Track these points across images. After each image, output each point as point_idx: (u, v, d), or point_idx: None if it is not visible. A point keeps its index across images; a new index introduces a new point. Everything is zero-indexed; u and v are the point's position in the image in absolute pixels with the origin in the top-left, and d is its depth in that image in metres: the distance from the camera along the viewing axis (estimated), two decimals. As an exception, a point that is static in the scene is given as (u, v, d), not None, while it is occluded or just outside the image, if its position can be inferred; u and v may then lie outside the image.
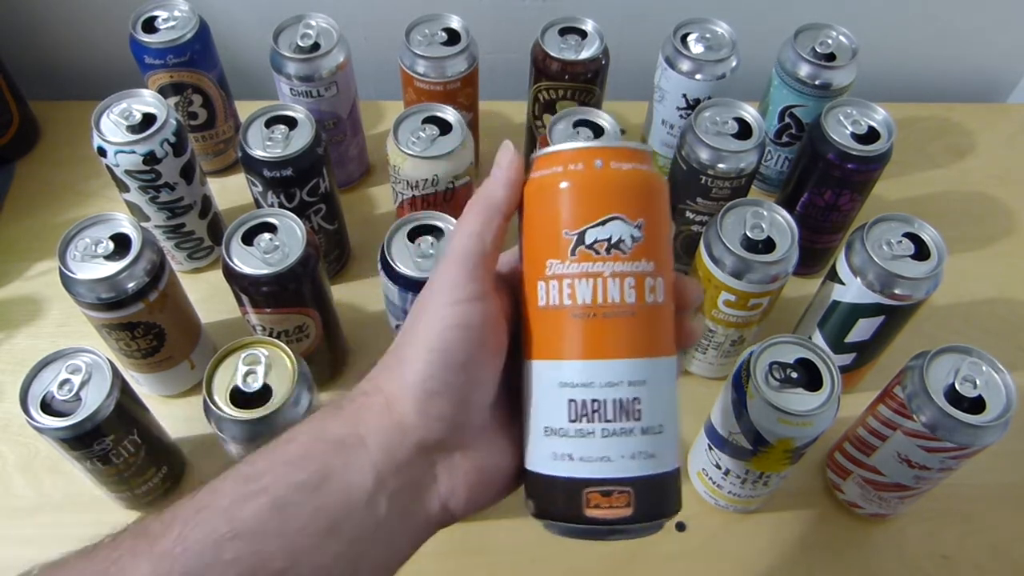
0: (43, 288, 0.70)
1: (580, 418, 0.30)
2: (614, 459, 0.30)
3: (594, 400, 0.30)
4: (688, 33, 0.69)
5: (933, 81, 0.94)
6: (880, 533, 0.59)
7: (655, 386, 0.31)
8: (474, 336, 0.31)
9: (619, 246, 0.30)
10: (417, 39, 0.68)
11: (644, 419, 0.30)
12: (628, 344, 0.30)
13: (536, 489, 0.32)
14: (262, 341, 0.51)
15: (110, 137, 0.58)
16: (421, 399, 0.31)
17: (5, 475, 0.60)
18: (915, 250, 0.55)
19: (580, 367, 0.30)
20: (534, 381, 0.32)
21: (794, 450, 0.50)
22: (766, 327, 0.61)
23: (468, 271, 0.31)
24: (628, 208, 0.31)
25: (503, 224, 0.32)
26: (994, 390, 0.49)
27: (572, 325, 0.30)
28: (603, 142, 0.32)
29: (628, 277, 0.30)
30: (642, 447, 0.30)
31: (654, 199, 0.32)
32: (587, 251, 0.30)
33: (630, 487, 0.30)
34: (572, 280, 0.30)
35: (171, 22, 0.67)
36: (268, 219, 0.56)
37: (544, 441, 0.31)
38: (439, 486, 0.32)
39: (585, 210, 0.31)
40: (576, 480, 0.30)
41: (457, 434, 0.32)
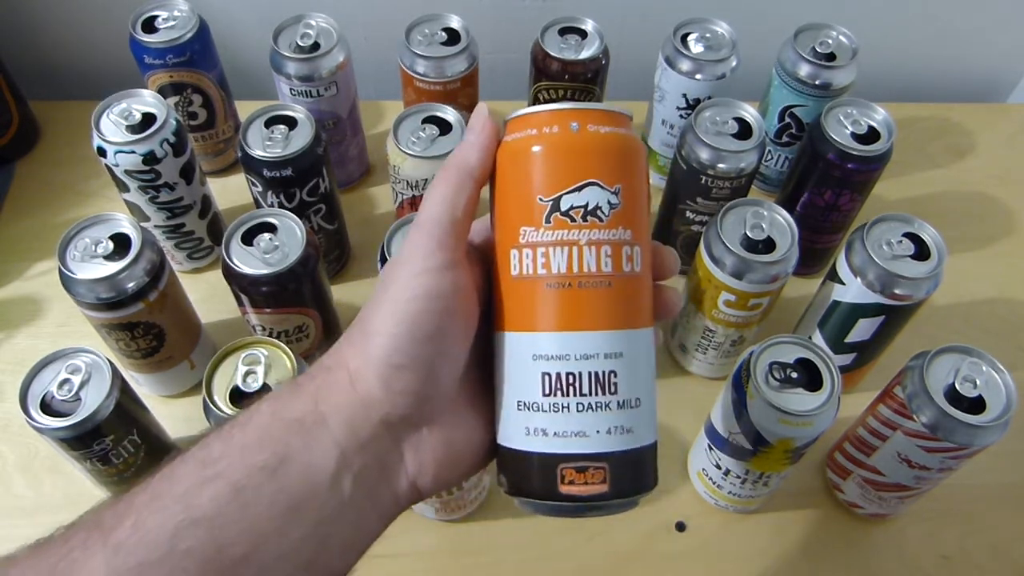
0: (43, 288, 0.70)
1: (554, 392, 0.29)
2: (589, 434, 0.29)
3: (569, 373, 0.29)
4: (688, 33, 0.69)
5: (933, 81, 0.94)
6: (880, 533, 0.59)
7: (632, 359, 0.30)
8: (442, 307, 0.30)
9: (596, 213, 0.29)
10: (417, 39, 0.68)
11: (620, 392, 0.30)
12: (604, 315, 0.30)
13: (509, 465, 0.31)
14: (262, 341, 0.51)
15: (110, 137, 0.58)
16: (386, 374, 0.30)
17: (5, 475, 0.60)
18: (915, 250, 0.55)
19: (555, 339, 0.29)
20: (507, 354, 0.31)
21: (794, 450, 0.50)
22: (766, 327, 0.61)
23: (437, 240, 0.30)
24: (605, 173, 0.29)
25: (475, 191, 0.31)
26: (994, 390, 0.49)
27: (547, 295, 0.29)
28: (580, 104, 0.30)
29: (605, 245, 0.29)
30: (618, 421, 0.30)
31: (632, 164, 0.31)
32: (562, 218, 0.29)
33: (606, 463, 0.29)
34: (547, 248, 0.29)
35: (171, 22, 0.67)
36: (268, 219, 0.56)
37: (517, 416, 0.30)
38: (406, 463, 0.31)
39: (560, 175, 0.29)
40: (550, 456, 0.29)
41: (424, 409, 0.31)
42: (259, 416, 0.31)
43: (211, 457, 0.29)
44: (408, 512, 0.59)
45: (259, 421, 0.30)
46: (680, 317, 0.64)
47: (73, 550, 0.28)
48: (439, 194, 0.31)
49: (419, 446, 0.31)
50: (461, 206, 0.31)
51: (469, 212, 0.31)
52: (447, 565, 0.57)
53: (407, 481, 0.31)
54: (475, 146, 0.31)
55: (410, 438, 0.31)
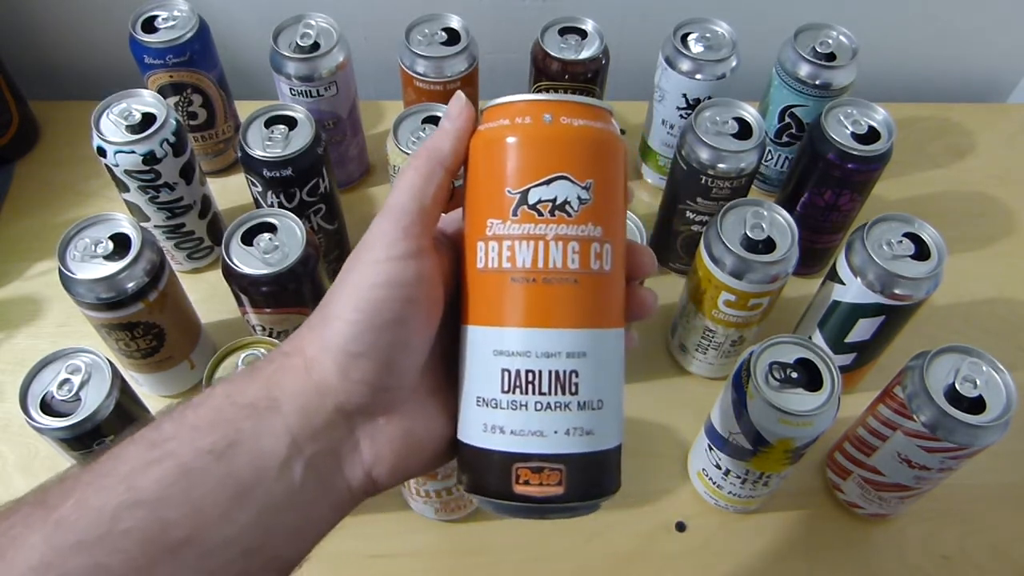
0: (43, 288, 0.70)
1: (513, 389, 0.28)
2: (547, 434, 0.28)
3: (529, 371, 0.28)
4: (688, 33, 0.69)
5: (933, 81, 0.94)
6: (880, 533, 0.59)
7: (596, 359, 0.29)
8: (404, 295, 0.29)
9: (564, 208, 0.28)
10: (417, 39, 0.68)
11: (582, 393, 0.29)
12: (569, 313, 0.29)
13: (468, 462, 0.31)
14: (262, 341, 0.51)
15: (110, 137, 0.58)
16: (343, 361, 0.29)
17: (5, 475, 0.60)
18: (915, 250, 0.55)
19: (516, 335, 0.29)
20: (469, 348, 0.30)
21: (794, 450, 0.50)
22: (766, 327, 0.61)
23: (403, 228, 0.30)
24: (576, 167, 0.29)
25: (447, 179, 0.31)
26: (994, 390, 0.49)
27: (510, 290, 0.29)
28: (556, 96, 0.30)
29: (572, 242, 0.28)
30: (578, 423, 0.29)
31: (606, 159, 0.30)
32: (530, 212, 0.28)
33: (562, 464, 0.28)
34: (512, 242, 0.29)
35: (171, 22, 0.67)
36: (268, 219, 0.56)
37: (476, 411, 0.30)
38: (361, 453, 0.31)
39: (530, 167, 0.29)
40: (506, 454, 0.29)
41: (382, 398, 0.30)
42: (212, 399, 0.30)
43: (160, 437, 0.29)
44: (408, 512, 0.59)
45: (212, 403, 0.30)
46: (680, 317, 0.64)
47: (15, 526, 0.27)
48: (408, 181, 0.30)
49: (376, 436, 0.31)
50: (430, 195, 0.30)
51: (439, 201, 0.31)
52: (447, 565, 0.57)
53: (362, 471, 0.31)
54: (449, 134, 0.31)
55: (366, 427, 0.31)
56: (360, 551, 0.57)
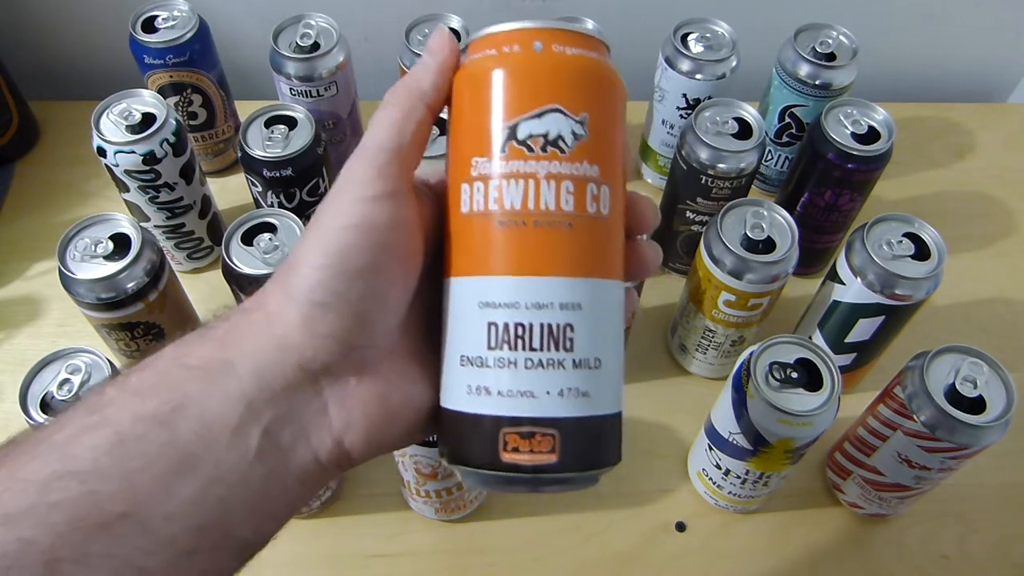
0: (43, 288, 0.70)
1: (501, 345, 0.26)
2: (538, 395, 0.25)
3: (518, 324, 0.25)
4: (688, 33, 0.69)
5: (933, 81, 0.94)
6: (880, 533, 0.59)
7: (593, 312, 0.26)
8: (378, 239, 0.26)
9: (557, 143, 0.26)
10: (417, 39, 0.68)
11: (577, 350, 0.26)
12: (562, 260, 0.26)
13: (450, 430, 0.27)
14: (262, 341, 0.51)
15: (110, 137, 0.58)
16: (308, 312, 0.26)
17: (5, 475, 0.60)
18: (915, 250, 0.55)
19: (503, 284, 0.26)
20: (452, 302, 0.27)
21: (794, 450, 0.50)
22: (766, 327, 0.61)
23: (378, 167, 0.27)
24: (570, 99, 0.26)
25: (427, 117, 0.28)
26: (994, 390, 0.49)
27: (497, 234, 0.26)
28: (547, 22, 0.27)
29: (566, 181, 0.26)
30: (573, 383, 0.26)
31: (602, 92, 0.27)
32: (519, 147, 0.26)
33: (555, 429, 0.25)
34: (500, 181, 0.26)
35: (171, 22, 0.67)
36: (268, 219, 0.56)
37: (460, 372, 0.26)
38: (330, 417, 0.27)
39: (519, 99, 0.26)
40: (493, 418, 0.26)
41: (352, 356, 0.27)
42: (159, 360, 0.27)
43: (100, 403, 0.26)
44: (408, 512, 0.59)
45: (158, 366, 0.27)
46: (680, 317, 0.64)
47: None
48: (385, 118, 0.27)
49: (346, 399, 0.27)
50: (409, 133, 0.27)
51: (419, 140, 0.28)
52: (447, 565, 0.57)
53: (331, 439, 0.27)
54: (430, 68, 0.28)
55: (335, 389, 0.27)
56: (360, 551, 0.57)
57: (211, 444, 0.25)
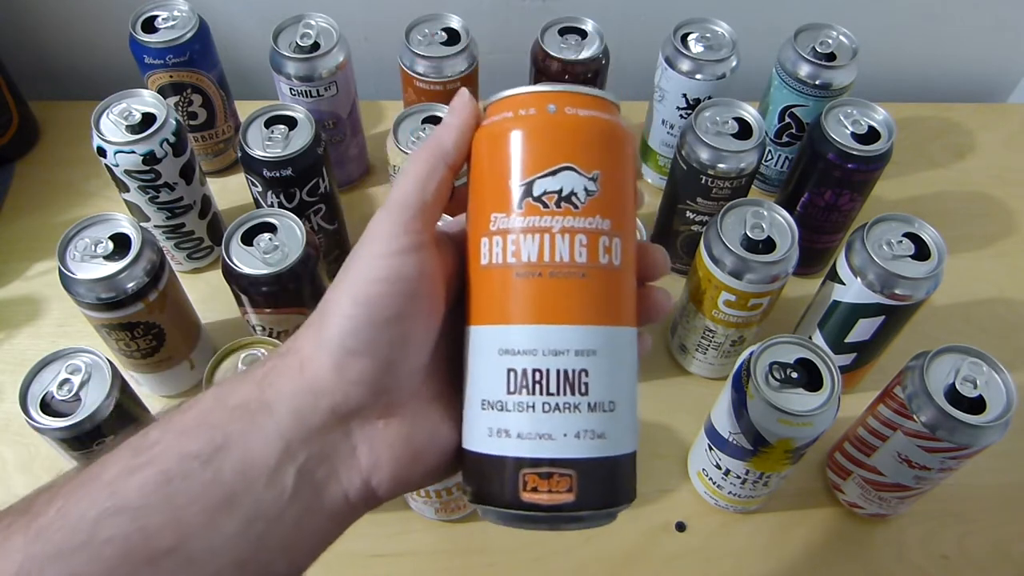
0: (43, 288, 0.70)
1: (520, 389, 0.27)
2: (556, 437, 0.27)
3: (536, 370, 0.27)
4: (688, 33, 0.69)
5: (933, 81, 0.94)
6: (880, 533, 0.59)
7: (607, 358, 0.28)
8: (404, 290, 0.28)
9: (571, 199, 0.27)
10: (417, 39, 0.68)
11: (592, 394, 0.27)
12: (577, 309, 0.27)
13: (472, 470, 0.29)
14: (262, 341, 0.51)
15: (110, 137, 0.58)
16: (338, 358, 0.28)
17: (5, 475, 0.60)
18: (915, 250, 0.55)
19: (522, 332, 0.27)
20: (473, 349, 0.29)
21: (794, 450, 0.50)
22: (766, 327, 0.61)
23: (403, 222, 0.28)
24: (582, 158, 0.28)
25: (448, 175, 0.30)
26: (994, 390, 0.49)
27: (515, 285, 0.28)
28: (560, 85, 0.29)
29: (579, 234, 0.27)
30: (588, 425, 0.27)
31: (613, 150, 0.29)
32: (535, 204, 0.27)
33: (572, 469, 0.27)
34: (517, 235, 0.28)
35: (171, 22, 0.67)
36: (268, 219, 0.56)
37: (481, 416, 0.28)
38: (359, 459, 0.29)
39: (534, 158, 0.28)
40: (513, 459, 0.27)
41: (380, 400, 0.29)
42: (201, 402, 0.29)
43: (145, 444, 0.28)
44: (408, 512, 0.59)
45: (200, 407, 0.29)
46: (680, 317, 0.64)
47: None
48: (409, 176, 0.30)
49: (374, 441, 0.29)
50: (431, 190, 0.29)
51: (440, 196, 0.30)
52: (447, 565, 0.57)
53: (360, 479, 0.29)
54: (452, 128, 0.30)
55: (364, 431, 0.29)
56: (360, 551, 0.57)
57: (252, 482, 0.27)
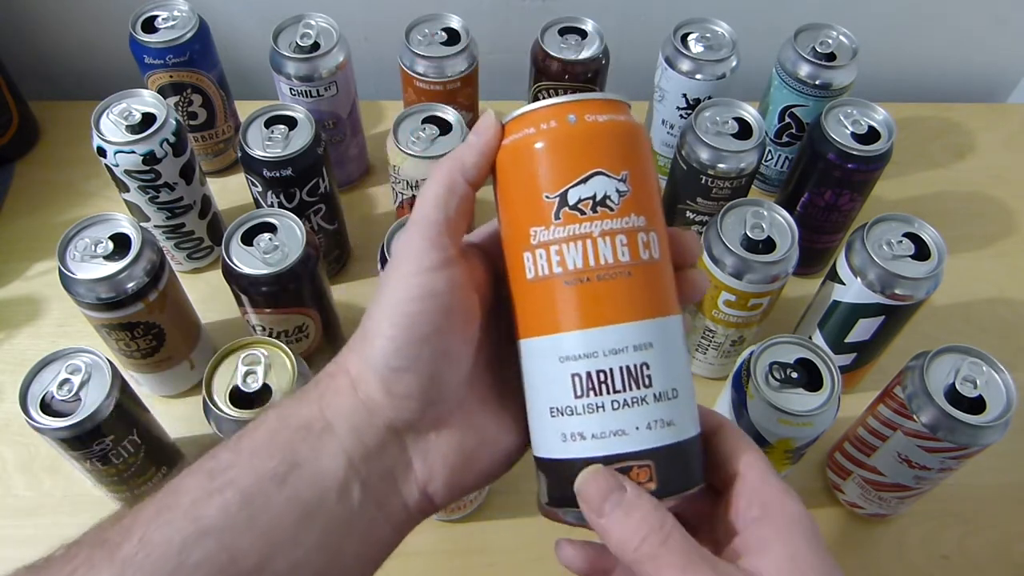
0: (43, 288, 0.70)
1: (587, 392, 0.28)
2: (629, 432, 0.28)
3: (599, 371, 0.28)
4: (688, 33, 0.69)
5: (933, 81, 0.94)
6: (880, 533, 0.59)
7: (663, 348, 0.28)
8: (439, 305, 0.29)
9: (605, 203, 0.28)
10: (417, 39, 0.68)
11: (656, 384, 0.28)
12: (628, 306, 0.28)
13: (550, 476, 0.30)
14: (262, 341, 0.51)
15: (110, 137, 0.58)
16: (386, 377, 0.29)
17: (5, 475, 0.60)
18: (915, 250, 0.55)
19: (580, 337, 0.28)
20: (532, 360, 0.30)
21: (794, 450, 0.50)
22: (766, 327, 0.61)
23: (430, 239, 0.29)
24: (609, 161, 0.29)
25: (469, 192, 0.31)
26: (994, 390, 0.49)
27: (566, 293, 0.28)
28: (575, 96, 0.30)
29: (619, 235, 0.28)
30: (658, 415, 0.28)
31: (635, 148, 0.30)
32: (572, 212, 0.28)
33: (651, 459, 0.28)
34: (560, 246, 0.28)
35: (171, 22, 0.67)
36: (268, 219, 0.56)
37: (551, 423, 0.29)
38: (415, 470, 0.31)
39: (564, 169, 0.29)
40: (592, 460, 0.28)
41: (430, 413, 0.30)
42: (266, 423, 0.30)
43: (219, 467, 0.29)
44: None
45: (267, 427, 0.30)
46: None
47: (77, 569, 0.27)
48: (431, 194, 0.30)
49: (428, 452, 0.31)
50: (454, 206, 0.30)
51: (462, 212, 0.31)
52: (447, 565, 0.57)
53: (417, 489, 0.31)
54: (473, 147, 0.31)
55: (418, 444, 0.31)
56: (360, 551, 0.56)
57: (325, 497, 0.29)
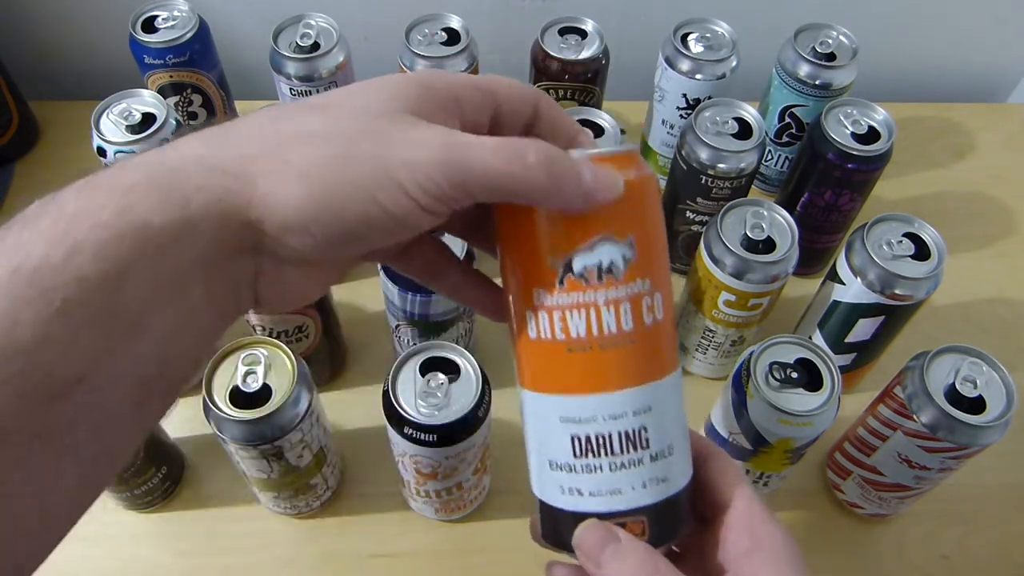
0: (43, 288, 0.69)
1: (586, 453, 0.28)
2: (625, 491, 0.28)
3: (599, 435, 0.28)
4: (688, 33, 0.69)
5: (933, 81, 0.94)
6: (880, 533, 0.59)
7: (661, 409, 0.29)
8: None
9: (611, 271, 0.27)
10: (417, 39, 0.68)
11: (653, 446, 0.29)
12: (630, 374, 0.28)
13: (547, 518, 0.31)
14: (262, 341, 0.51)
15: (110, 137, 0.58)
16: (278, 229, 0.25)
17: (5, 475, 0.60)
18: (915, 250, 0.55)
19: (581, 402, 0.28)
20: (534, 413, 0.30)
21: (794, 450, 0.50)
22: (766, 327, 0.61)
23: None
24: (617, 224, 0.27)
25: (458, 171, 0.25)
26: (994, 390, 0.49)
27: (568, 360, 0.28)
28: (584, 152, 0.27)
29: (624, 303, 0.28)
30: (653, 473, 0.29)
31: (644, 207, 0.28)
32: (576, 280, 0.27)
33: (644, 515, 0.29)
34: (563, 312, 0.28)
35: (171, 22, 0.67)
36: (268, 219, 0.56)
37: (550, 474, 0.30)
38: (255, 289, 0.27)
39: (569, 234, 0.27)
40: (588, 514, 0.29)
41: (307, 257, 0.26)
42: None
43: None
44: (408, 512, 0.59)
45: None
46: (680, 317, 0.64)
47: None
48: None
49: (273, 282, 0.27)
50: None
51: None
52: (447, 565, 0.57)
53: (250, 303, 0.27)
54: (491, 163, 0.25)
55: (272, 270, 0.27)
56: (360, 551, 0.57)
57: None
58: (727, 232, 0.55)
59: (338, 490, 0.58)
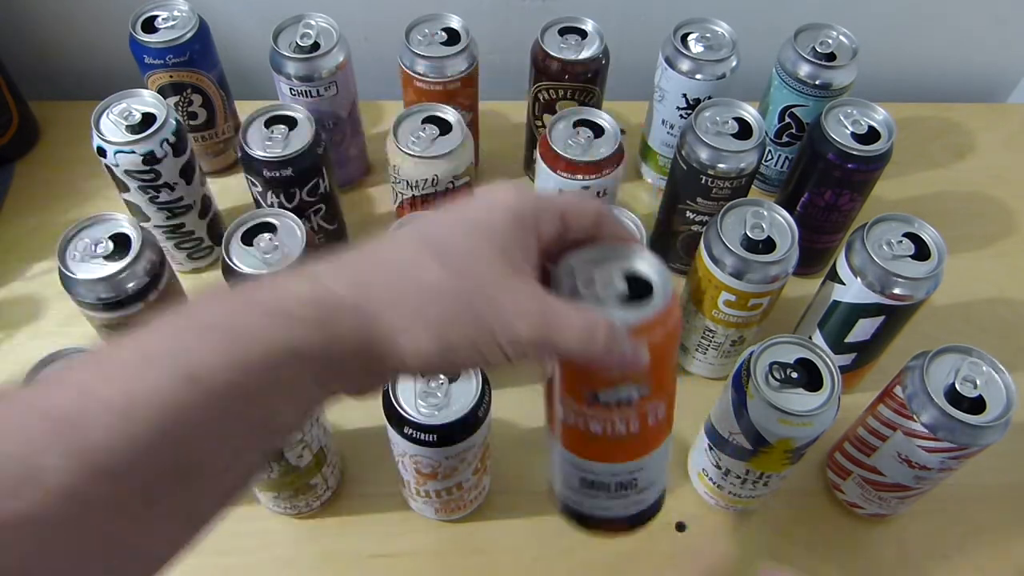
0: (43, 288, 0.70)
1: (589, 487, 0.37)
2: (613, 509, 0.38)
3: (600, 482, 0.37)
4: (688, 33, 0.69)
5: (933, 81, 0.94)
6: (880, 533, 0.59)
7: (650, 466, 0.37)
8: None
9: (628, 402, 0.33)
10: (417, 39, 0.68)
11: (640, 485, 0.37)
12: (631, 453, 0.36)
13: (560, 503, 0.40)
14: (262, 341, 0.51)
15: (110, 137, 0.58)
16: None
17: (5, 475, 0.59)
18: (915, 250, 0.55)
19: (592, 465, 0.36)
20: (560, 454, 0.37)
21: (794, 450, 0.50)
22: (766, 327, 0.61)
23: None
24: (637, 377, 0.33)
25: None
26: (994, 390, 0.49)
27: (585, 439, 0.35)
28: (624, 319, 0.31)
29: (635, 418, 0.34)
30: (637, 499, 0.38)
31: (663, 360, 0.33)
32: (600, 405, 0.34)
33: (627, 521, 0.39)
34: (588, 419, 0.34)
35: (171, 22, 0.67)
36: (268, 219, 0.56)
37: (565, 490, 0.39)
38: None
39: (600, 378, 0.33)
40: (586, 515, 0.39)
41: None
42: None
43: None
44: (408, 512, 0.59)
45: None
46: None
47: None
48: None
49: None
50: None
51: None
52: (447, 565, 0.57)
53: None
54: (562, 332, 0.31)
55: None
56: (360, 551, 0.57)
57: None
58: (727, 232, 0.55)
59: (338, 490, 0.58)
